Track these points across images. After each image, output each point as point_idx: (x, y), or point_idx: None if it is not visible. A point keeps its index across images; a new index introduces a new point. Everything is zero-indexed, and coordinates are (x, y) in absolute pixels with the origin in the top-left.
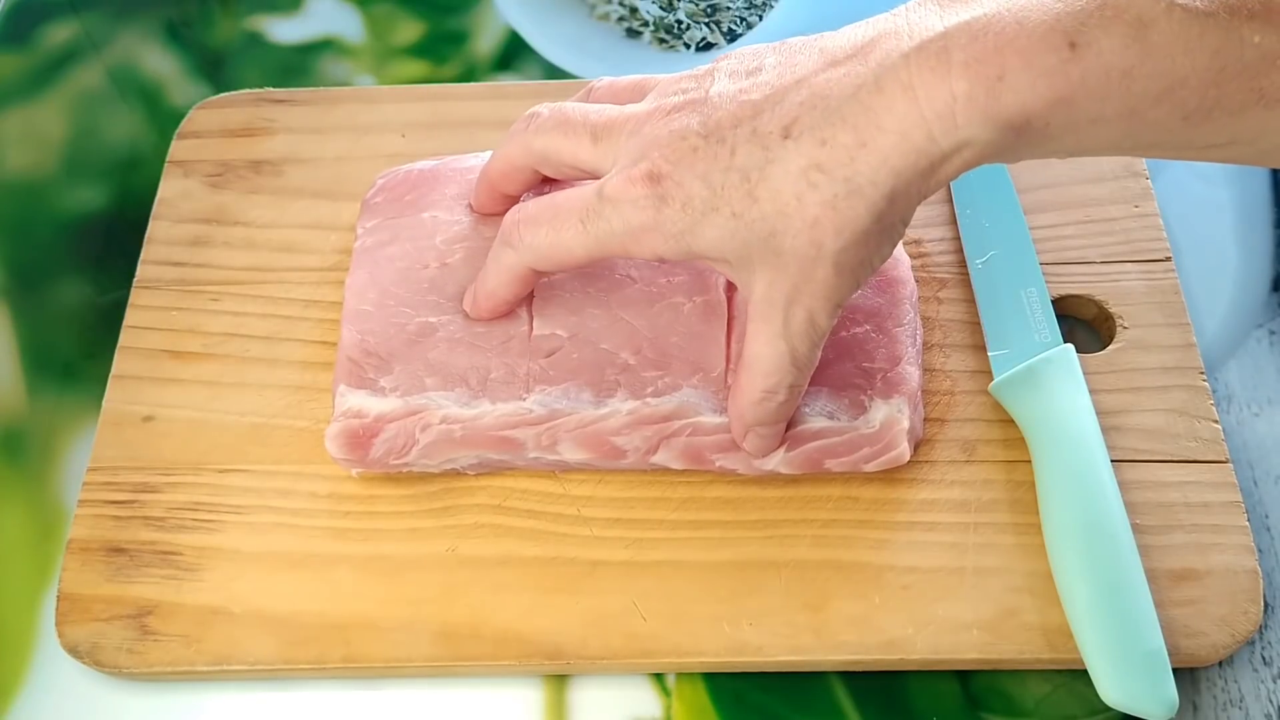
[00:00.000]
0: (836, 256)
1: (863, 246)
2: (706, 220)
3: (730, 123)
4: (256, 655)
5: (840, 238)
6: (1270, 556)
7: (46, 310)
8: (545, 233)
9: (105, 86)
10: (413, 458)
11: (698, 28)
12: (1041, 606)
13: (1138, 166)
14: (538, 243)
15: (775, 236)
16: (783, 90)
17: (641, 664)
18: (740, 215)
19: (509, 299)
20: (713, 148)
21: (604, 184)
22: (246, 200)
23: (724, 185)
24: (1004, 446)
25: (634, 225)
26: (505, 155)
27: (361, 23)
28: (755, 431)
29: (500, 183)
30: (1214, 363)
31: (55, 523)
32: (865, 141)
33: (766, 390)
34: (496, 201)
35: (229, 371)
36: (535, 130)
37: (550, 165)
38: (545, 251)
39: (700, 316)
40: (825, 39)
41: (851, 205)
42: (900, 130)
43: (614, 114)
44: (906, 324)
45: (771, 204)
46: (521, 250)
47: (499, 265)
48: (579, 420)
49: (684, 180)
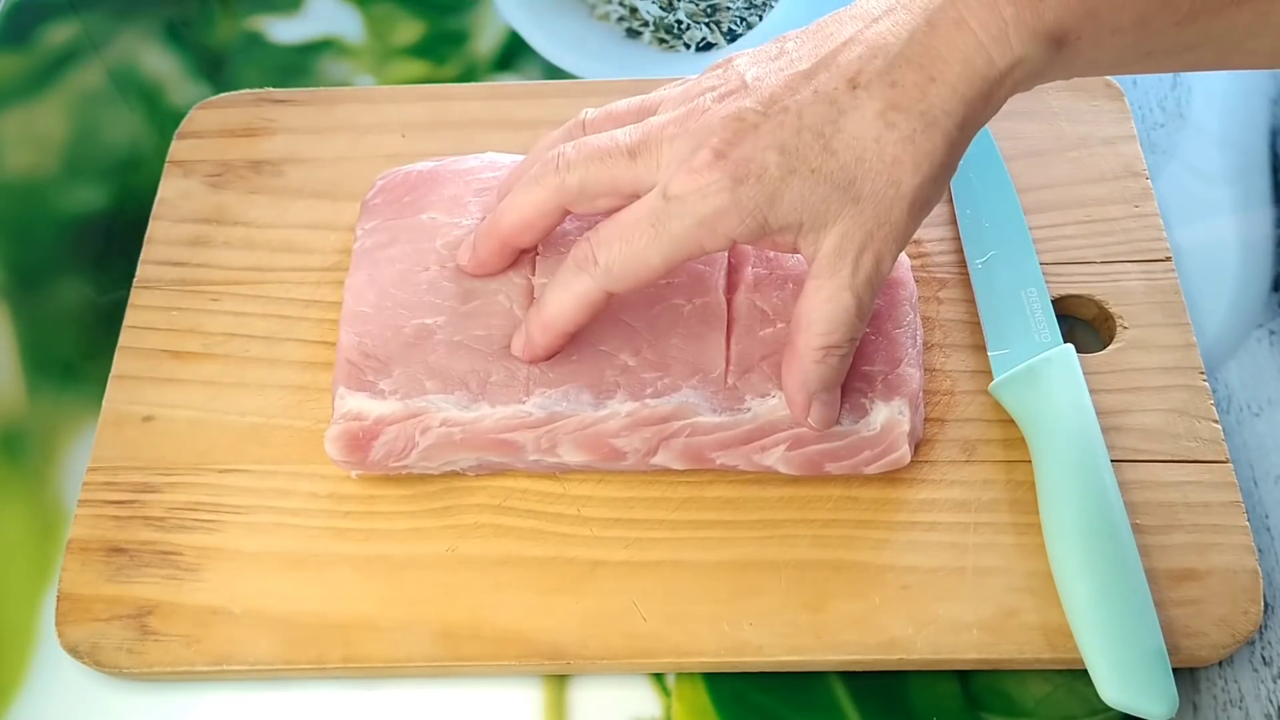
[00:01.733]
0: (914, 193)
1: (934, 182)
2: (785, 185)
3: (786, 92)
4: (256, 655)
5: (919, 172)
6: (1270, 556)
7: (46, 310)
8: (619, 249)
9: (105, 86)
10: (412, 460)
11: (698, 28)
12: (1041, 606)
13: (1138, 166)
14: (613, 261)
15: (855, 184)
16: (831, 54)
17: (641, 664)
18: (819, 170)
19: (572, 331)
20: (776, 117)
21: (666, 184)
22: (246, 200)
23: (798, 147)
24: (1004, 446)
25: (707, 214)
26: (530, 201)
27: (361, 23)
28: (819, 399)
29: (518, 235)
30: (1214, 363)
31: (55, 523)
32: (934, 76)
33: (830, 346)
34: (506, 257)
35: (229, 371)
36: (565, 167)
37: (586, 198)
38: (621, 269)
39: (700, 318)
40: (852, 8)
41: (930, 137)
42: (963, 59)
43: (645, 128)
44: (906, 325)
45: (849, 152)
46: (597, 273)
47: (569, 293)
48: (578, 422)
49: (753, 154)
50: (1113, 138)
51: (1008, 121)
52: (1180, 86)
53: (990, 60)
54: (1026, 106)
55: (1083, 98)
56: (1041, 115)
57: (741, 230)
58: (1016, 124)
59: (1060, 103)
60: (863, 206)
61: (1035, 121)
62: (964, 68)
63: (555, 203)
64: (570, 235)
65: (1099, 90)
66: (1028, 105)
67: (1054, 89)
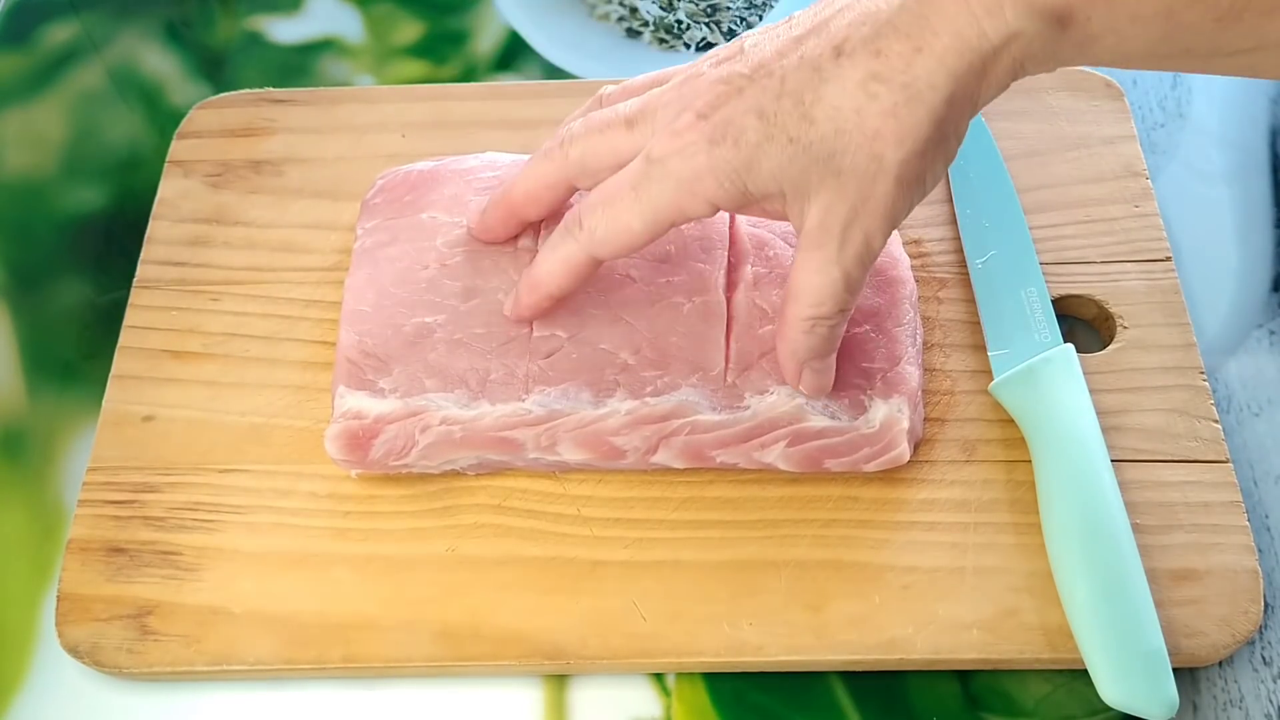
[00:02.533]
0: (898, 168)
1: (922, 158)
2: (762, 151)
3: (775, 57)
4: (256, 655)
5: (902, 147)
6: (1270, 556)
7: (46, 310)
8: (602, 214)
9: (105, 86)
10: (412, 459)
11: (698, 28)
12: (1041, 606)
13: (1138, 166)
14: (597, 226)
15: (835, 157)
16: (824, 20)
17: (641, 664)
18: (797, 139)
19: (558, 295)
20: (760, 81)
21: (650, 148)
22: (246, 200)
23: (777, 112)
24: (1004, 446)
25: (686, 175)
26: (537, 174)
27: (361, 23)
28: (809, 366)
29: (524, 206)
30: (1214, 363)
31: (55, 523)
32: (920, 46)
33: (816, 318)
34: (512, 227)
35: (229, 371)
36: (569, 141)
37: (589, 171)
38: (604, 234)
39: (699, 316)
40: None
41: (912, 111)
42: (953, 30)
43: (645, 98)
44: (906, 324)
45: (829, 123)
46: (582, 238)
47: (555, 257)
48: (578, 420)
49: (733, 116)
50: (1113, 138)
51: (1008, 121)
52: (1180, 86)
53: (983, 33)
54: (1026, 106)
55: (1083, 98)
56: (1041, 115)
57: (721, 195)
58: (1016, 124)
59: (1060, 103)
60: (844, 180)
61: (1035, 121)
62: (953, 39)
63: (560, 175)
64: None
65: (1099, 90)
66: (1028, 105)
67: (1054, 89)
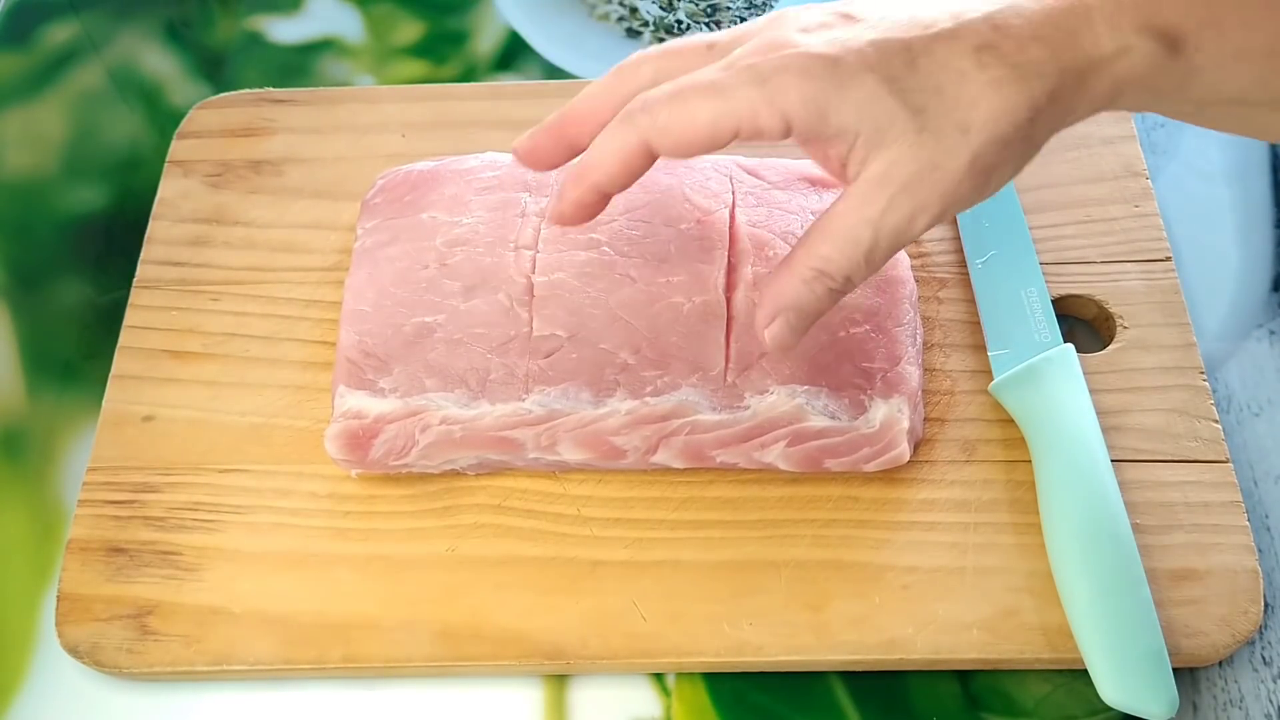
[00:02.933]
0: (979, 147)
1: (1004, 148)
2: (857, 80)
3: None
4: (256, 655)
5: (991, 126)
6: (1270, 556)
7: (46, 310)
8: (669, 102)
9: (105, 86)
10: (412, 458)
11: (698, 28)
12: (1041, 606)
13: (1138, 166)
14: (661, 112)
15: (924, 113)
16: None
17: (641, 664)
18: (896, 80)
19: (605, 186)
20: (872, 20)
21: (739, 54)
22: (246, 200)
23: (884, 47)
24: (1004, 446)
25: (773, 81)
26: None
27: (361, 23)
28: (785, 315)
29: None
30: (1214, 363)
31: (55, 523)
32: (1039, 35)
33: (822, 272)
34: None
35: (229, 371)
36: (640, 60)
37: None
38: (667, 121)
39: (699, 316)
40: None
41: (1017, 91)
42: (1070, 29)
43: (727, 31)
44: (906, 324)
45: (931, 77)
46: (642, 122)
47: (608, 144)
48: (578, 420)
49: (839, 38)
50: (1113, 138)
51: None
52: None
53: (1097, 39)
54: None
55: None
56: None
57: (800, 113)
58: None
59: None
60: (923, 140)
61: None
62: (1068, 36)
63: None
64: (571, 234)
65: None
66: None
67: None
